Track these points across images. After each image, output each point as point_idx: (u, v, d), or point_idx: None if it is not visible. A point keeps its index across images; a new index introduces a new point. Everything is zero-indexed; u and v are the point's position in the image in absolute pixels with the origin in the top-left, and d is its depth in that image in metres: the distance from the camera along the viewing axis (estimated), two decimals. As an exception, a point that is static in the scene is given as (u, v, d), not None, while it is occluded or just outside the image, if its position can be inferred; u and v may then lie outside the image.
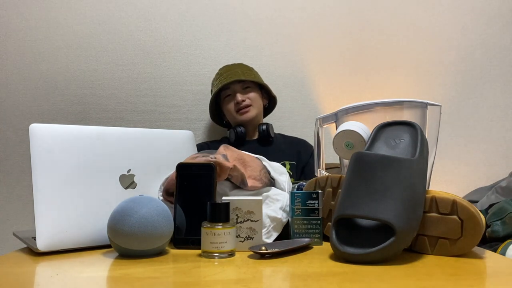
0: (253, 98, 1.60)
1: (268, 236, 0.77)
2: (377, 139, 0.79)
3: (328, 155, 1.04)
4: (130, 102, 1.79)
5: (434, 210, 0.69)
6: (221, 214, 0.69)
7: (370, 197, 0.66)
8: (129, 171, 0.83)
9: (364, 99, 1.82)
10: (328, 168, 1.49)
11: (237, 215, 0.73)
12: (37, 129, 0.76)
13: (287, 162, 1.52)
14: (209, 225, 0.68)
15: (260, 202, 0.73)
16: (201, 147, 1.61)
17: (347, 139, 0.84)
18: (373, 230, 0.67)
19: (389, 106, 0.90)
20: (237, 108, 1.58)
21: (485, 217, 1.37)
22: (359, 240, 0.66)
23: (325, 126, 0.96)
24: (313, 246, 0.77)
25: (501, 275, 0.57)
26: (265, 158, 0.91)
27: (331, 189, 0.82)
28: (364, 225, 0.69)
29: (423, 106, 0.90)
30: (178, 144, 0.93)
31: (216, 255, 0.68)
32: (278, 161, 1.53)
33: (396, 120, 0.80)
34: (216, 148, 1.57)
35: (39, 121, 1.72)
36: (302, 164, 1.58)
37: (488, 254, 0.69)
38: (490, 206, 1.43)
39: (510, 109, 1.89)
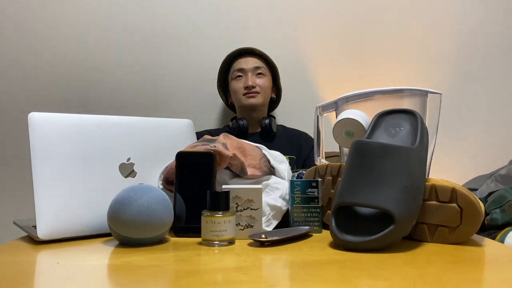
0: (263, 86, 1.60)
1: (268, 224, 0.77)
2: (377, 127, 0.78)
3: (328, 144, 1.03)
4: (129, 90, 1.78)
5: (434, 198, 0.70)
6: (221, 202, 0.69)
7: (370, 185, 0.66)
8: (128, 159, 0.83)
9: (365, 87, 1.81)
10: (328, 156, 1.49)
11: (237, 203, 0.74)
12: (36, 118, 0.76)
13: (287, 157, 1.52)
14: (209, 214, 0.69)
15: (259, 191, 0.74)
16: (203, 135, 1.62)
17: (347, 128, 0.84)
18: (372, 218, 0.68)
19: (389, 94, 0.89)
20: (245, 91, 1.58)
21: (484, 205, 1.38)
22: (359, 228, 0.66)
23: (325, 114, 0.96)
24: (313, 234, 0.77)
25: (500, 263, 0.57)
26: (264, 147, 0.91)
27: (331, 178, 0.82)
28: (364, 213, 0.69)
29: (423, 94, 0.90)
30: (177, 133, 0.93)
31: (216, 243, 0.68)
32: (278, 156, 1.54)
33: (396, 108, 0.79)
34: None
35: (38, 110, 1.71)
36: (303, 158, 1.58)
37: (487, 241, 0.70)
38: (490, 194, 1.44)
39: (510, 97, 1.89)
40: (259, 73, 1.61)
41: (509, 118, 1.89)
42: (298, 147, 1.61)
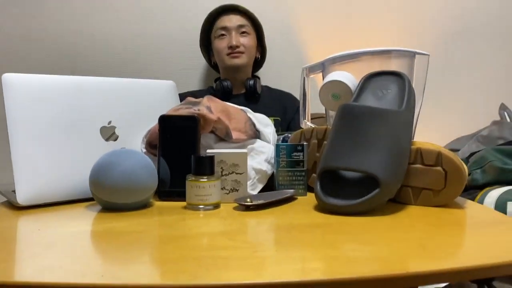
0: (247, 46, 1.55)
1: (253, 188, 0.77)
2: (364, 89, 0.77)
3: (314, 105, 1.02)
4: (109, 51, 1.72)
5: (419, 161, 0.70)
6: (206, 167, 0.68)
7: (356, 149, 0.65)
8: (109, 123, 0.81)
9: (352, 45, 1.79)
10: (314, 118, 1.48)
11: (222, 168, 0.73)
12: (10, 79, 0.72)
13: (271, 118, 1.50)
14: (193, 178, 0.68)
15: (245, 155, 0.73)
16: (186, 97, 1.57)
17: (333, 90, 0.82)
18: (358, 182, 0.68)
19: (377, 55, 0.88)
20: (229, 51, 1.54)
21: (466, 165, 1.40)
22: (344, 192, 0.66)
23: (312, 76, 0.94)
24: (298, 197, 0.77)
25: (482, 226, 0.58)
26: (249, 110, 0.89)
27: (316, 141, 0.81)
28: (349, 177, 0.69)
29: (411, 55, 0.88)
30: (159, 95, 0.90)
31: (201, 207, 0.68)
32: (263, 117, 1.53)
33: (384, 70, 0.78)
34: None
35: (13, 71, 1.65)
36: (287, 119, 1.57)
37: (469, 204, 0.70)
38: (471, 154, 1.46)
39: (495, 58, 1.88)
40: (243, 32, 1.56)
41: (493, 78, 1.89)
42: (283, 109, 1.59)
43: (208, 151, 0.74)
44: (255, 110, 0.93)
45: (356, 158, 0.65)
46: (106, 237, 0.54)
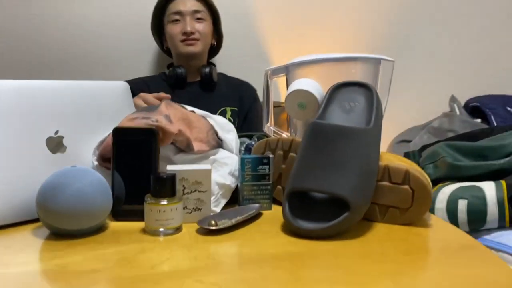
0: (203, 33, 1.47)
1: (217, 205, 0.72)
2: (331, 101, 0.74)
3: (276, 95, 0.98)
4: (50, 48, 1.57)
5: (386, 179, 0.68)
6: (167, 188, 0.63)
7: (325, 170, 0.63)
8: (56, 132, 0.73)
9: (311, 36, 1.76)
10: (276, 106, 1.45)
11: (183, 186, 0.68)
12: None
13: (228, 109, 1.45)
14: (153, 201, 0.62)
15: (208, 172, 0.68)
16: (136, 84, 1.45)
17: (299, 99, 0.79)
18: (327, 202, 0.65)
19: (342, 61, 0.85)
20: (183, 38, 1.46)
21: (418, 159, 1.43)
22: (313, 213, 0.64)
23: (275, 78, 0.90)
24: (263, 211, 0.75)
25: (451, 251, 0.58)
26: (210, 114, 0.84)
27: (282, 152, 0.78)
28: (318, 198, 0.66)
29: (376, 62, 0.86)
30: (111, 98, 0.83)
31: (162, 231, 0.63)
32: (219, 107, 1.47)
33: (351, 81, 0.75)
34: (155, 86, 1.46)
35: None
36: (244, 109, 1.52)
37: (435, 221, 0.71)
38: (423, 147, 1.49)
39: (444, 50, 1.92)
40: (199, 18, 1.48)
41: (443, 70, 1.93)
42: (240, 98, 1.54)
43: (169, 167, 0.69)
44: (211, 99, 0.87)
45: (326, 180, 0.62)
46: (58, 279, 0.48)
